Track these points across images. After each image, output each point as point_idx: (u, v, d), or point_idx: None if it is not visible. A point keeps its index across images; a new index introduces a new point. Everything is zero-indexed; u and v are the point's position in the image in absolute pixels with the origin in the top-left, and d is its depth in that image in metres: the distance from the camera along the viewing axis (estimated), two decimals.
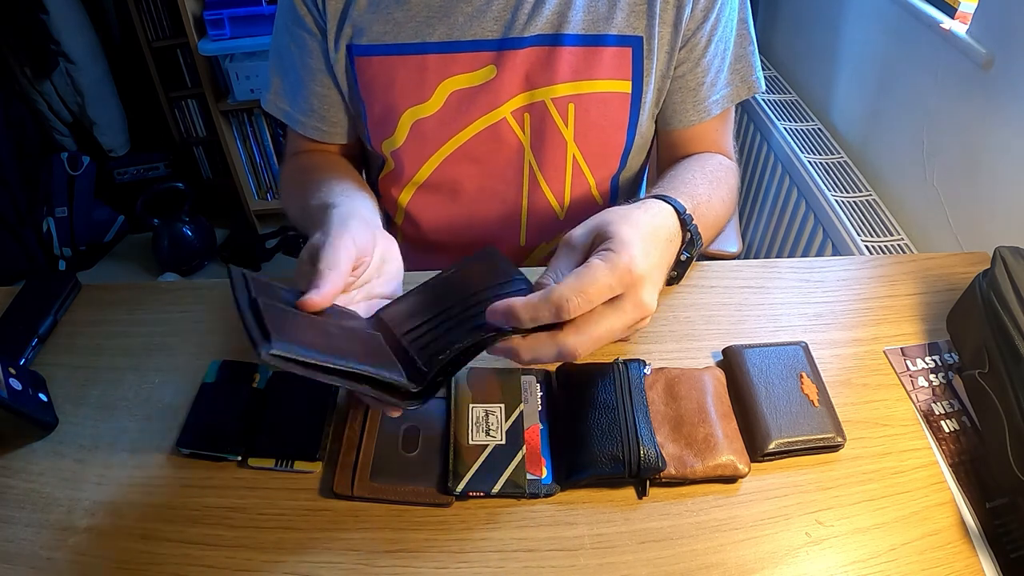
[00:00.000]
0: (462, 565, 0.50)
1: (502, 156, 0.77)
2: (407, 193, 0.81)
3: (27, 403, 0.58)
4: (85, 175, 2.23)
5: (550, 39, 0.71)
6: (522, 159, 0.77)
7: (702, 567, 0.50)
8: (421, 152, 0.77)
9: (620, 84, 0.74)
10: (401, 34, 0.71)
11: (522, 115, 0.74)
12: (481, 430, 0.57)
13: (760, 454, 0.56)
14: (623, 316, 0.49)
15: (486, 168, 0.78)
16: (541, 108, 0.74)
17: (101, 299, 0.73)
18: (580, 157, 0.78)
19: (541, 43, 0.71)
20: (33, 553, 0.51)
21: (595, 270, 0.47)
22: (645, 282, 0.49)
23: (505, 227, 0.82)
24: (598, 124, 0.76)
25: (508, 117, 0.74)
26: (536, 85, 0.73)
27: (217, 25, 2.01)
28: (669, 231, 0.57)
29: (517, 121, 0.75)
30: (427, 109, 0.74)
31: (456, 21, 0.70)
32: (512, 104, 0.74)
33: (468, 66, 0.72)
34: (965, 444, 0.58)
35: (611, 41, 0.72)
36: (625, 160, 0.81)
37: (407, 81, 0.73)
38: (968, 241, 1.07)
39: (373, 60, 0.73)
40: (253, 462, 0.56)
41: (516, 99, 0.73)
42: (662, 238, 0.56)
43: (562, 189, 0.80)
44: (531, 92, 0.73)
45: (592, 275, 0.47)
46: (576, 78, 0.72)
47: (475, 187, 0.79)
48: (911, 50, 1.21)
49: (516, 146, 0.76)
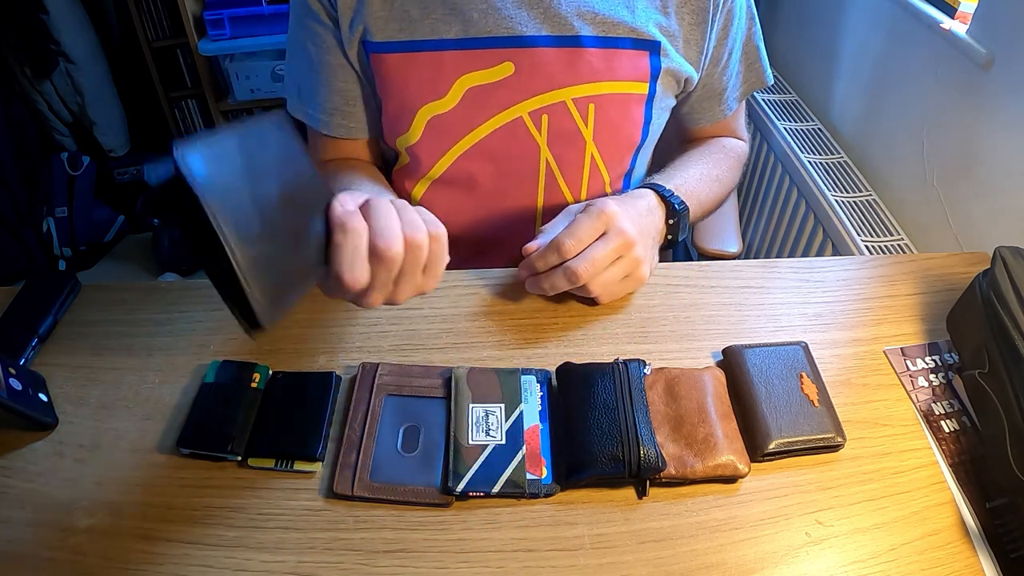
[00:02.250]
0: (462, 565, 0.50)
1: (518, 153, 0.77)
2: (421, 187, 0.81)
3: (27, 403, 0.58)
4: (85, 175, 2.23)
5: (570, 40, 0.72)
6: (538, 157, 0.78)
7: (702, 567, 0.50)
8: (437, 148, 0.77)
9: (638, 86, 0.75)
10: (417, 31, 0.71)
11: (540, 116, 0.75)
12: (481, 430, 0.57)
13: (760, 454, 0.56)
14: (608, 242, 0.63)
15: (502, 165, 0.78)
16: (561, 108, 0.75)
17: (101, 299, 0.73)
18: (598, 155, 0.79)
19: (561, 44, 0.72)
20: (33, 553, 0.51)
21: (579, 218, 0.64)
22: (620, 216, 0.63)
23: (520, 223, 0.82)
24: (616, 123, 0.77)
25: (525, 116, 0.75)
26: (557, 85, 0.73)
27: (217, 25, 2.01)
28: (648, 201, 0.71)
29: (534, 122, 0.75)
30: (443, 105, 0.74)
31: (471, 18, 0.71)
32: (531, 104, 0.74)
33: (485, 62, 0.72)
34: (965, 444, 0.58)
35: (629, 44, 0.73)
36: (636, 158, 0.83)
37: (423, 78, 0.73)
38: (968, 241, 1.07)
39: (388, 57, 0.73)
40: (253, 462, 0.56)
41: (535, 99, 0.74)
42: (641, 207, 0.69)
43: (579, 187, 0.81)
44: (552, 92, 0.74)
45: (578, 222, 0.64)
46: (596, 79, 0.73)
47: (491, 183, 0.79)
48: (911, 50, 1.21)
49: (533, 144, 0.77)
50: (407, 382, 0.61)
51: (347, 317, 0.69)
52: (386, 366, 0.62)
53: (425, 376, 0.61)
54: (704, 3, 0.74)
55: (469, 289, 0.72)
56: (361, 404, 0.59)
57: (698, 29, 0.75)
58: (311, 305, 0.70)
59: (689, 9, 0.74)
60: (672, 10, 0.74)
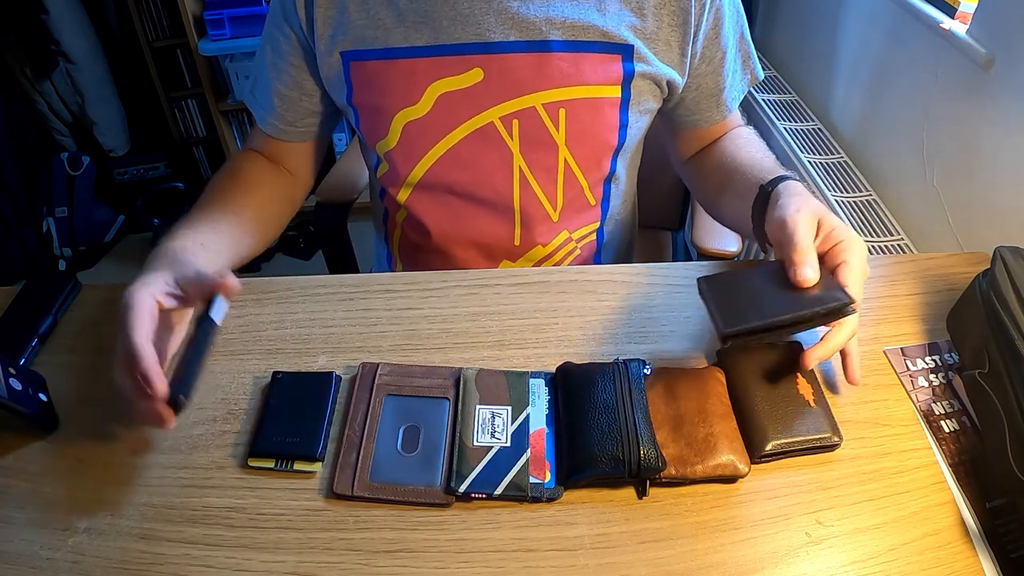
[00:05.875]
0: (462, 565, 0.50)
1: (491, 159, 0.78)
2: (404, 192, 0.82)
3: (27, 403, 0.58)
4: (85, 175, 2.23)
5: (538, 45, 0.72)
6: (511, 163, 0.78)
7: (702, 567, 0.50)
8: (412, 153, 0.78)
9: (610, 89, 0.75)
10: (391, 39, 0.73)
11: (511, 121, 0.75)
12: (487, 432, 0.57)
13: (757, 456, 0.56)
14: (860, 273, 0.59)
15: (476, 170, 0.78)
16: (532, 113, 0.75)
17: (101, 299, 0.73)
18: (572, 160, 0.79)
19: (530, 49, 0.72)
20: (33, 553, 0.51)
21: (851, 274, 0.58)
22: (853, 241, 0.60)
23: (499, 228, 0.83)
24: (588, 128, 0.77)
25: (496, 122, 0.75)
26: (526, 91, 0.74)
27: (217, 25, 2.01)
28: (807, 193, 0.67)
29: (505, 127, 0.75)
30: (417, 111, 0.75)
31: (441, 25, 0.72)
32: (502, 109, 0.75)
33: (455, 69, 0.73)
34: (965, 444, 0.58)
35: (599, 48, 0.73)
36: (615, 162, 0.82)
37: (398, 83, 0.74)
38: (968, 241, 1.07)
39: (367, 64, 0.74)
40: (253, 462, 0.56)
41: (506, 104, 0.74)
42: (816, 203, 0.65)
43: (554, 192, 0.81)
44: (521, 98, 0.74)
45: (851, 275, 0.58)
46: (566, 83, 0.73)
47: (467, 189, 0.80)
48: (911, 50, 1.21)
49: (505, 150, 0.77)
50: (407, 382, 0.61)
51: (347, 317, 0.69)
52: (386, 366, 0.62)
53: (426, 376, 0.61)
54: (685, 3, 0.73)
55: (469, 289, 0.72)
56: (361, 404, 0.59)
57: (679, 31, 0.74)
58: (311, 305, 0.70)
59: (668, 11, 0.73)
60: (649, 12, 0.73)
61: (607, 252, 0.93)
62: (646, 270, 0.74)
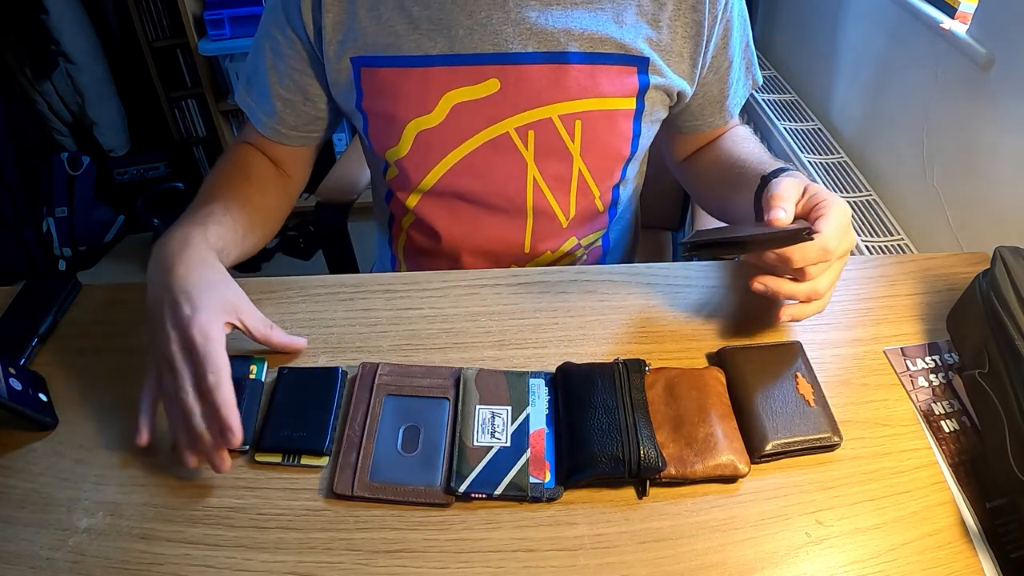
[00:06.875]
0: (462, 565, 0.50)
1: (505, 169, 0.77)
2: (414, 198, 0.82)
3: (27, 403, 0.58)
4: (85, 175, 2.23)
5: (556, 56, 0.71)
6: (525, 173, 0.78)
7: (702, 567, 0.50)
8: (425, 162, 0.78)
9: (625, 101, 0.75)
10: (403, 46, 0.72)
11: (526, 132, 0.75)
12: (487, 431, 0.57)
13: (757, 456, 0.56)
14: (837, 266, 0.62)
15: (489, 179, 0.78)
16: (548, 124, 0.74)
17: (101, 299, 0.73)
18: (586, 170, 0.79)
19: (547, 60, 0.72)
20: (33, 553, 0.51)
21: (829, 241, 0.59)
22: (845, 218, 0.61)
23: (510, 235, 0.83)
24: (603, 139, 0.77)
25: (512, 132, 0.75)
26: (543, 102, 0.73)
27: (217, 25, 2.01)
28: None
29: (520, 138, 0.75)
30: (431, 120, 0.74)
31: (456, 34, 0.71)
32: (517, 120, 0.74)
33: (471, 79, 0.72)
34: (965, 444, 0.58)
35: (616, 60, 0.73)
36: (625, 170, 0.82)
37: (411, 92, 0.73)
38: (968, 241, 1.07)
39: (379, 71, 0.73)
40: (260, 457, 0.56)
41: (522, 115, 0.74)
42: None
43: (567, 200, 0.81)
44: (538, 109, 0.74)
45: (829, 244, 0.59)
46: (583, 95, 0.73)
47: (479, 196, 0.80)
48: (911, 50, 1.21)
49: (519, 160, 0.77)
50: (407, 382, 0.61)
51: (347, 317, 0.69)
52: (386, 366, 0.62)
53: (426, 376, 0.61)
54: (699, 16, 0.73)
55: (469, 289, 0.72)
56: (361, 404, 0.59)
57: (692, 42, 0.74)
58: (311, 305, 0.70)
59: (683, 23, 0.73)
60: (665, 24, 0.73)
61: (612, 257, 0.94)
62: (646, 270, 0.74)
